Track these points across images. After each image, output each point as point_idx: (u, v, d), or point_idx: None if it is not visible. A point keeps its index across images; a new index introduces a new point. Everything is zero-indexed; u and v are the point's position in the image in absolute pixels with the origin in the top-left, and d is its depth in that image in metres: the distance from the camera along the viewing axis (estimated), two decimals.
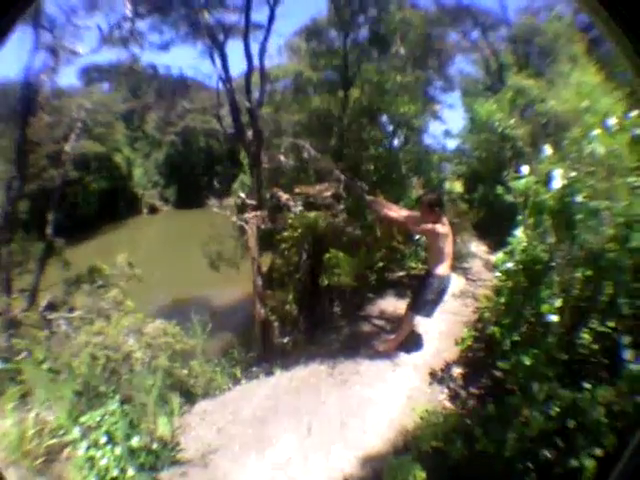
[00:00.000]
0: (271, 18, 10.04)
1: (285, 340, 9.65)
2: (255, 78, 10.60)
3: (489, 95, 14.72)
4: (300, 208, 9.30)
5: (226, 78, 10.34)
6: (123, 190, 32.79)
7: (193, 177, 32.96)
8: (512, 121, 12.35)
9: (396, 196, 9.70)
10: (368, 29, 11.25)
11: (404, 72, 11.38)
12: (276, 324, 10.03)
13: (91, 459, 4.59)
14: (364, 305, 8.73)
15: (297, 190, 9.48)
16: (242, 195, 11.05)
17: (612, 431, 3.34)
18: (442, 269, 6.17)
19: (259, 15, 10.87)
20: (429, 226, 6.08)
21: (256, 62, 10.25)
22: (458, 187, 14.79)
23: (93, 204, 28.98)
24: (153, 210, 34.32)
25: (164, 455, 4.94)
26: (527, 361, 4.00)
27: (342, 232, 9.26)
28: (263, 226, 9.91)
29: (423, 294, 6.21)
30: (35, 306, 9.41)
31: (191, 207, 28.90)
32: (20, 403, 5.68)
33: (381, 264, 9.20)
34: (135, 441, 4.70)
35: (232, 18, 10.63)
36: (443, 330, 7.25)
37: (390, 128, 11.51)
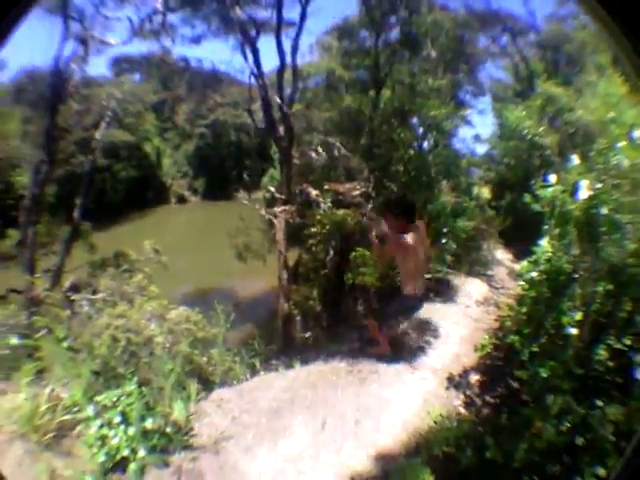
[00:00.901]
0: (303, 16, 10.13)
1: (307, 335, 9.65)
2: (287, 75, 10.63)
3: (519, 101, 14.55)
4: (329, 205, 9.31)
5: (258, 74, 10.41)
6: (152, 179, 33.14)
7: (222, 170, 33.10)
8: (541, 129, 12.19)
9: (425, 199, 9.69)
10: (399, 30, 11.21)
11: (435, 75, 11.33)
12: (298, 319, 10.05)
13: (103, 438, 4.64)
14: (386, 305, 8.64)
15: (327, 187, 9.52)
16: (272, 189, 11.17)
17: (617, 452, 3.32)
18: (408, 288, 5.86)
19: (290, 12, 10.90)
20: (390, 246, 5.60)
21: (288, 59, 10.30)
22: (486, 193, 14.66)
23: (121, 191, 29.34)
24: (181, 200, 34.66)
25: (177, 439, 4.95)
26: (544, 373, 3.98)
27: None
28: (292, 221, 9.95)
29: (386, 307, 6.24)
30: (58, 286, 9.56)
31: (219, 199, 29.16)
32: (36, 379, 5.72)
33: None
34: (149, 423, 4.75)
35: (264, 14, 10.70)
36: (464, 335, 7.24)
37: (420, 130, 11.46)
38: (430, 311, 7.95)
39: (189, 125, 33.80)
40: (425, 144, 11.53)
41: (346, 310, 9.80)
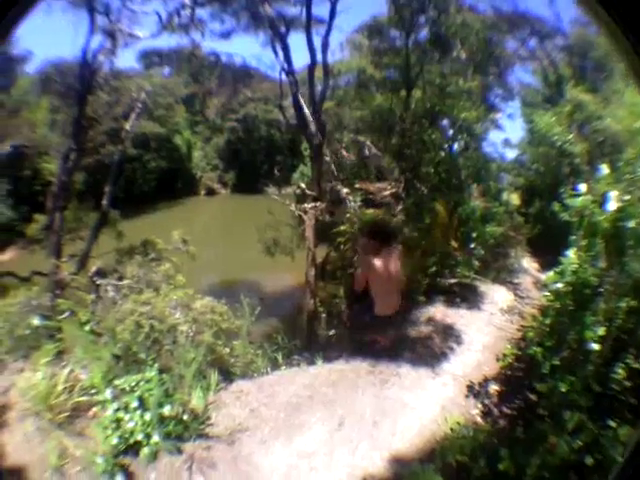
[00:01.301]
0: (332, 13, 10.04)
1: (330, 333, 9.56)
2: (318, 72, 10.60)
3: (548, 107, 14.28)
4: (359, 204, 9.27)
5: (289, 70, 10.39)
6: (182, 171, 33.38)
7: (253, 164, 33.25)
8: (570, 136, 12.00)
9: (455, 202, 9.61)
10: (428, 30, 11.11)
11: (465, 77, 11.21)
12: (323, 316, 9.94)
13: (118, 420, 4.70)
14: (413, 308, 8.58)
15: (357, 186, 9.46)
16: (302, 185, 11.09)
17: None
18: (378, 309, 6.17)
19: (320, 10, 10.84)
20: (362, 266, 6.04)
21: (319, 56, 10.24)
22: (515, 199, 14.43)
23: (151, 182, 29.65)
24: (211, 192, 34.78)
25: (193, 427, 4.98)
26: (563, 387, 3.94)
27: (399, 232, 9.07)
28: (321, 218, 9.90)
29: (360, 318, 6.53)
30: (84, 271, 9.67)
31: (249, 193, 29.14)
32: (55, 360, 5.80)
33: (434, 269, 9.06)
34: (167, 409, 4.77)
35: (293, 11, 10.66)
36: (487, 343, 7.18)
37: (450, 132, 11.34)
38: (455, 317, 8.02)
39: (220, 119, 34.02)
40: (455, 146, 11.44)
41: (370, 310, 9.67)
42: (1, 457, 4.56)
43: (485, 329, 7.25)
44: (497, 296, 9.06)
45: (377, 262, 5.87)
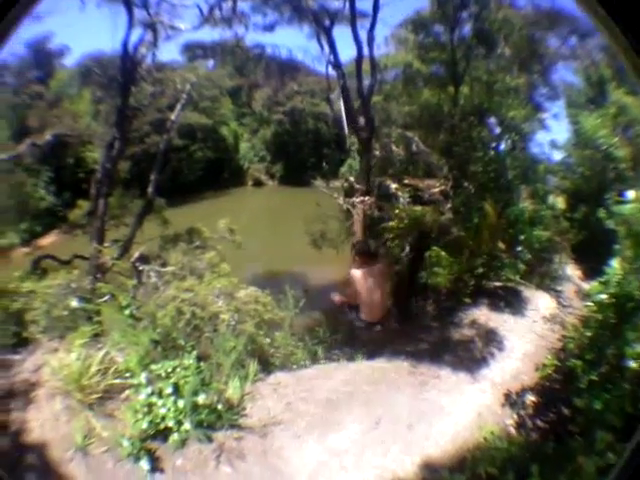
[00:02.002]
0: (376, 6, 9.78)
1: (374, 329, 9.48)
2: (364, 66, 10.42)
3: (592, 108, 13.74)
4: (408, 200, 9.12)
5: (336, 63, 10.25)
6: (229, 161, 33.46)
7: (300, 157, 33.10)
8: (615, 140, 11.53)
9: (503, 202, 9.39)
10: (472, 26, 10.82)
11: (511, 74, 10.88)
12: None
13: (150, 405, 4.73)
14: (457, 310, 8.45)
15: (406, 181, 9.32)
16: (351, 179, 10.95)
17: None
18: (364, 315, 6.99)
19: (363, 3, 10.57)
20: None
21: (365, 50, 10.06)
22: (561, 203, 13.96)
23: (197, 171, 29.91)
24: (258, 183, 34.80)
25: (226, 417, 4.97)
26: (598, 405, 3.80)
27: (447, 231, 8.99)
28: (370, 213, 9.77)
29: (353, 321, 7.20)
30: (127, 257, 9.79)
31: (296, 185, 29.07)
32: (92, 342, 5.84)
33: (481, 270, 8.84)
34: (201, 398, 4.78)
35: (336, 4, 10.43)
36: (527, 351, 7.00)
37: (496, 131, 11.05)
38: (498, 321, 7.85)
39: (266, 111, 34.09)
40: (502, 146, 11.14)
41: (416, 308, 9.59)
42: (24, 432, 4.64)
43: (527, 336, 7.09)
44: (540, 303, 8.76)
45: (362, 276, 6.74)
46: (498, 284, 9.17)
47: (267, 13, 11.53)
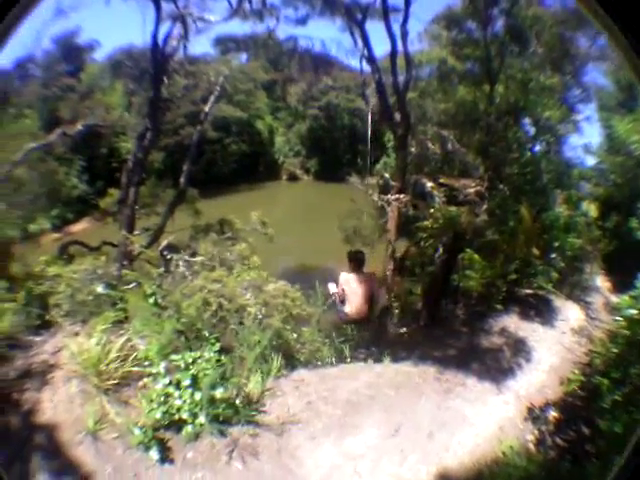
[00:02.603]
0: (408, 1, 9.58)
1: (402, 330, 9.24)
2: (398, 62, 10.20)
3: (623, 112, 13.25)
4: (443, 199, 8.95)
5: (369, 57, 10.06)
6: (263, 155, 33.64)
7: (335, 152, 33.15)
8: None
9: (539, 206, 9.20)
10: (504, 22, 10.52)
11: (545, 73, 10.55)
12: (396, 311, 9.67)
13: (167, 395, 4.69)
14: (488, 316, 8.31)
15: (442, 180, 9.15)
16: (386, 175, 10.76)
17: None
18: (349, 311, 8.31)
19: None
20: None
21: (399, 45, 9.82)
22: (593, 211, 13.53)
23: (231, 164, 30.10)
24: (293, 178, 34.91)
25: (243, 412, 4.92)
26: (617, 428, 3.65)
27: (482, 234, 8.81)
28: (404, 211, 9.60)
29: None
30: (156, 245, 9.83)
31: (331, 180, 29.02)
32: (114, 328, 5.84)
33: (514, 276, 8.64)
34: (219, 392, 4.72)
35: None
36: (554, 364, 6.84)
37: (531, 132, 10.72)
38: (528, 330, 7.70)
39: (301, 106, 34.17)
40: (536, 148, 10.81)
41: (446, 312, 9.38)
42: (37, 413, 4.67)
43: (554, 348, 6.95)
44: (569, 314, 8.54)
45: (349, 279, 8.27)
46: (529, 291, 8.97)
47: (298, 6, 11.40)
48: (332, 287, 8.43)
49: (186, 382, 4.73)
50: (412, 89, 11.00)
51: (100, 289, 7.35)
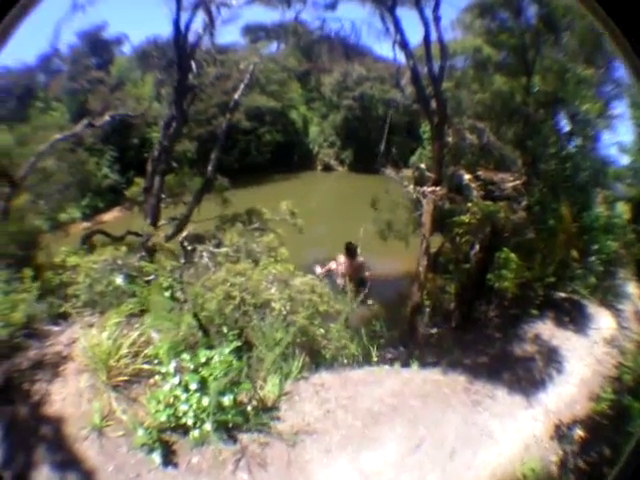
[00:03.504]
0: None
1: (432, 331, 8.86)
2: (430, 51, 9.74)
3: None
4: (481, 193, 8.52)
5: (402, 43, 9.56)
6: (298, 145, 33.41)
7: (370, 143, 32.56)
8: None
9: (579, 205, 8.85)
10: (537, 11, 9.98)
11: (581, 64, 9.99)
12: (428, 310, 9.29)
13: (174, 397, 4.51)
14: (522, 321, 7.99)
15: (480, 173, 8.75)
16: (422, 166, 10.31)
17: None
18: (340, 281, 9.70)
19: None
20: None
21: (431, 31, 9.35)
22: (626, 212, 12.79)
23: (265, 154, 30.11)
24: (327, 168, 34.69)
25: (255, 419, 4.69)
26: None
27: (521, 232, 8.39)
28: (441, 204, 9.16)
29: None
30: (181, 235, 9.69)
31: (366, 172, 28.62)
32: (129, 321, 5.76)
33: (552, 279, 8.28)
34: (227, 399, 4.49)
35: None
36: (585, 377, 6.54)
37: (568, 127, 10.17)
38: (561, 339, 7.40)
39: (336, 96, 33.87)
40: (575, 142, 10.26)
41: (479, 313, 9.02)
42: (46, 404, 4.67)
43: (586, 359, 6.70)
44: (603, 322, 8.22)
45: (344, 262, 10.22)
46: (564, 295, 8.64)
47: None
48: (317, 269, 10.36)
49: (193, 386, 4.50)
50: (447, 79, 10.56)
51: (119, 280, 7.23)
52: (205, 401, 4.42)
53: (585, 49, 10.43)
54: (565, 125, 10.03)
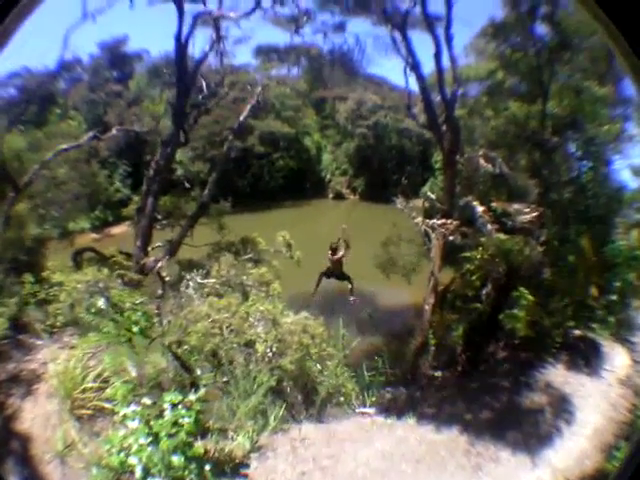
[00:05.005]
0: (450, 3, 8.70)
1: (436, 374, 8.38)
2: (441, 66, 9.34)
3: None
4: (496, 226, 7.96)
5: (414, 63, 9.12)
6: (310, 172, 33.61)
7: (382, 172, 32.73)
8: None
9: (600, 237, 8.40)
10: (550, 28, 9.62)
11: (598, 82, 9.56)
12: (432, 349, 8.70)
13: (125, 446, 4.08)
14: (533, 366, 7.50)
15: (494, 204, 8.25)
16: (432, 196, 9.74)
17: None
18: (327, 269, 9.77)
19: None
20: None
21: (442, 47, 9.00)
22: (637, 239, 12.07)
23: (278, 179, 30.20)
24: (339, 196, 34.72)
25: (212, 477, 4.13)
26: None
27: (539, 271, 7.90)
28: (452, 238, 8.57)
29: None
30: (171, 259, 9.32)
31: (378, 201, 28.56)
32: (99, 351, 5.64)
33: (572, 323, 7.88)
34: (176, 458, 3.98)
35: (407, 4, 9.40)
36: (598, 426, 6.08)
37: (579, 153, 9.67)
38: (575, 385, 6.94)
39: (350, 124, 33.92)
40: (589, 167, 9.70)
41: (488, 355, 8.51)
42: (17, 420, 4.83)
43: (600, 405, 6.31)
44: (617, 360, 7.77)
45: (330, 257, 9.42)
46: (578, 333, 8.19)
47: (334, 11, 10.82)
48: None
49: (142, 440, 3.97)
50: (460, 106, 10.14)
51: (101, 304, 6.84)
52: (156, 456, 3.92)
53: (597, 67, 10.02)
54: (578, 150, 9.57)
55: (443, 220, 8.62)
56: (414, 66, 9.03)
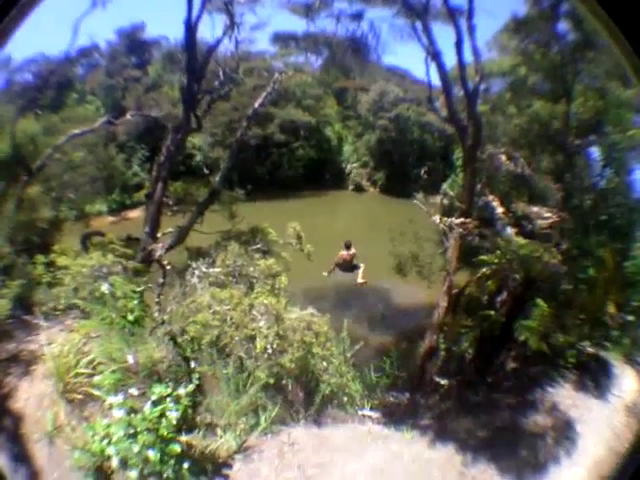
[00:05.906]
0: None
1: (442, 382, 8.03)
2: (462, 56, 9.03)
3: None
4: (515, 230, 7.69)
5: (434, 52, 8.79)
6: (331, 163, 33.44)
7: (403, 166, 32.43)
8: None
9: (622, 250, 8.00)
10: (572, 25, 9.27)
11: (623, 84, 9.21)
12: (442, 353, 8.45)
13: (108, 434, 4.12)
14: (540, 383, 7.20)
15: (514, 205, 8.02)
16: (451, 193, 9.39)
17: None
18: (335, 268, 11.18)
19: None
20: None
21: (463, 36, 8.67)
22: None
23: (298, 169, 30.06)
24: (358, 189, 34.45)
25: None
26: None
27: (557, 281, 7.57)
28: (469, 239, 8.28)
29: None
30: (178, 247, 9.26)
31: (398, 195, 28.32)
32: (96, 337, 5.62)
33: (588, 343, 7.51)
34: (152, 453, 3.93)
35: None
36: (599, 457, 5.68)
37: (601, 159, 9.31)
38: (581, 409, 6.64)
39: (372, 116, 33.53)
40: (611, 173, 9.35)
41: (496, 366, 8.15)
42: (11, 398, 4.92)
43: (604, 432, 5.91)
44: (625, 383, 7.34)
45: (344, 254, 10.92)
46: (590, 350, 7.72)
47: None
48: (324, 273, 11.36)
49: (121, 433, 3.93)
50: (482, 102, 9.85)
51: (105, 289, 6.78)
52: (135, 448, 3.94)
53: (620, 69, 9.64)
54: (601, 155, 9.21)
55: (462, 219, 8.33)
56: (435, 55, 8.70)
